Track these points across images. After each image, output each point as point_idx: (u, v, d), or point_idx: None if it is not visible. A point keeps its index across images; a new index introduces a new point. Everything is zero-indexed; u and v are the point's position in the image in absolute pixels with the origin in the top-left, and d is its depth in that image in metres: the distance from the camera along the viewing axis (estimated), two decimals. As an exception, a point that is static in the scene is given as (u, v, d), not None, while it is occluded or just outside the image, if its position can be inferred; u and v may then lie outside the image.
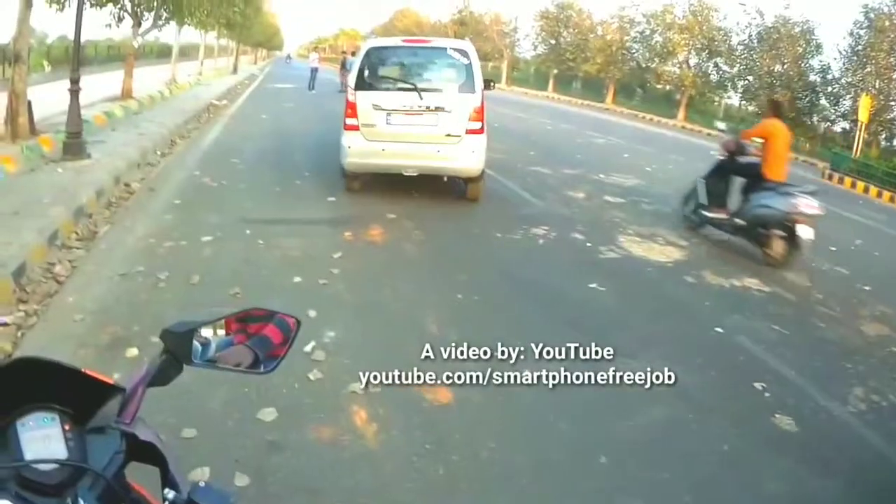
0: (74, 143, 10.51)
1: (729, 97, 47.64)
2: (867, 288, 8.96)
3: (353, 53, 37.05)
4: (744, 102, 45.16)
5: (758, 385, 5.29)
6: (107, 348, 4.75)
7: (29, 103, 11.90)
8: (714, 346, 6.04)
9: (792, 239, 9.02)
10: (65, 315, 5.30)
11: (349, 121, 10.11)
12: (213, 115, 20.14)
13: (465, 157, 10.05)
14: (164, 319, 1.98)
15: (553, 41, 57.27)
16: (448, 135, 9.96)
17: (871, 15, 35.39)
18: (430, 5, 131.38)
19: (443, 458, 3.83)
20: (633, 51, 51.28)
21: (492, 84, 12.87)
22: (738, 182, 10.01)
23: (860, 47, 36.05)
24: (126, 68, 20.08)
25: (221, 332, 1.64)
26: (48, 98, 14.87)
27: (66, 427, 1.25)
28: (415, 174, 10.28)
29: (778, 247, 9.16)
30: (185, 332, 1.52)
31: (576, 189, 12.82)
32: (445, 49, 10.56)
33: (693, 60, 47.57)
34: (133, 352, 4.62)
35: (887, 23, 34.50)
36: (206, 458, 3.61)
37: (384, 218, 8.99)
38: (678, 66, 48.31)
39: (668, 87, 50.39)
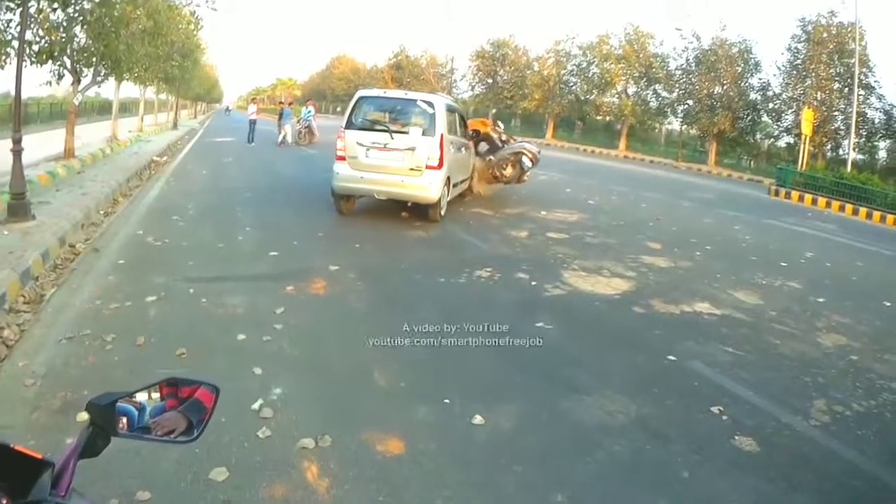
0: (19, 205, 10.22)
1: (670, 123, 48.42)
2: (821, 300, 9.13)
3: (291, 104, 37.46)
4: (685, 126, 45.89)
5: (715, 409, 5.31)
6: (59, 412, 4.61)
7: (-28, 165, 11.66)
8: (668, 375, 6.05)
9: (520, 166, 16.14)
10: (16, 380, 5.15)
11: (339, 152, 12.43)
12: (155, 171, 19.93)
13: (425, 187, 12.15)
14: (111, 382, 1.93)
15: (490, 80, 57.95)
16: (412, 169, 12.06)
17: (809, 27, 36.16)
18: (366, 50, 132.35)
19: (398, 509, 3.75)
20: (571, 84, 51.93)
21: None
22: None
23: (799, 61, 36.84)
24: (67, 126, 19.80)
25: (156, 395, 1.66)
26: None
27: (4, 502, 1.23)
28: (384, 199, 12.70)
29: (509, 170, 16.22)
30: (108, 404, 1.53)
31: (518, 228, 12.99)
32: (416, 101, 12.73)
33: (632, 89, 48.42)
34: (83, 416, 4.45)
35: (825, 34, 35.31)
36: (162, 521, 3.52)
37: (326, 271, 8.90)
38: (617, 96, 49.11)
39: (608, 118, 51.16)
